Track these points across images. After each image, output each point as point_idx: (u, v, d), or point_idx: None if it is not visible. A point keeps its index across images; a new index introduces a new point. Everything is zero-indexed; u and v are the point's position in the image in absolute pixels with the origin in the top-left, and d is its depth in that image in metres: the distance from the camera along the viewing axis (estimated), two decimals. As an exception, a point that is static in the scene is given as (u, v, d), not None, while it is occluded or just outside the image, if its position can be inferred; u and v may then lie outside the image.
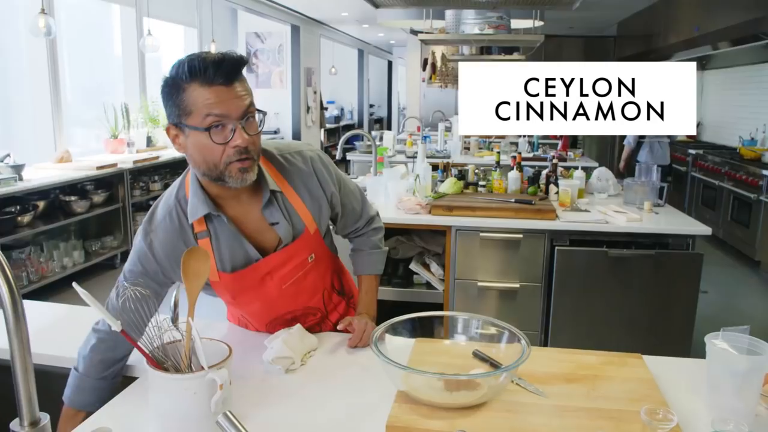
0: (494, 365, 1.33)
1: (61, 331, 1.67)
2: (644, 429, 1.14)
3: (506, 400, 1.24)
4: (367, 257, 1.76)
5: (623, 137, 7.01)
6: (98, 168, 5.14)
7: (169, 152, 6.61)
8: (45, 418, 1.00)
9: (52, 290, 4.66)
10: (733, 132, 7.76)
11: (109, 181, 5.44)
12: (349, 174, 4.91)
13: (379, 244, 1.79)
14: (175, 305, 1.26)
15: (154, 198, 6.29)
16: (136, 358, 1.44)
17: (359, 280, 1.76)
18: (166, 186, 6.41)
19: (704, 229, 3.18)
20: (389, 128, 16.86)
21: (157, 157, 6.13)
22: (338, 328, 1.58)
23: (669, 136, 6.69)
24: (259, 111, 1.34)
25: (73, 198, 5.00)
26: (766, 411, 1.28)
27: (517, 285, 3.28)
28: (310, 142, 10.49)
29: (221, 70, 1.25)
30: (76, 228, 5.21)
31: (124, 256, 5.60)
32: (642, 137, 6.62)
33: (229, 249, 1.44)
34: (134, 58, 6.78)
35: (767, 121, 6.84)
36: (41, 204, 4.68)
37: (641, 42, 9.04)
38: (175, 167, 6.71)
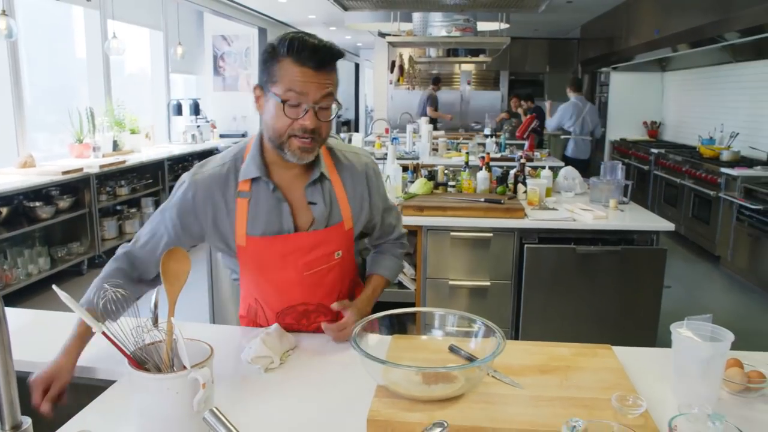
0: (470, 359, 1.36)
1: (31, 337, 1.65)
2: (615, 415, 1.19)
3: (483, 391, 1.28)
4: (386, 260, 1.79)
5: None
6: (64, 173, 5.05)
7: (135, 156, 6.53)
8: (27, 422, 1.00)
9: (18, 298, 4.57)
10: (693, 131, 7.97)
11: (74, 186, 5.35)
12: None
13: (401, 256, 1.83)
14: (155, 306, 1.26)
15: (122, 203, 6.22)
16: (116, 360, 1.43)
17: (368, 278, 1.76)
18: (133, 190, 6.34)
19: (667, 225, 3.27)
20: (357, 130, 16.86)
21: (124, 162, 6.05)
22: (333, 306, 1.58)
23: (591, 134, 7.32)
24: (338, 102, 1.44)
25: (37, 204, 4.91)
26: (729, 395, 1.34)
27: (488, 283, 3.34)
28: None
29: (315, 55, 1.36)
30: (41, 234, 5.12)
31: (92, 262, 5.51)
32: (567, 133, 7.30)
33: (267, 214, 1.51)
34: (99, 61, 6.68)
35: (725, 121, 7.04)
36: (4, 210, 4.59)
37: (604, 44, 9.23)
38: (143, 171, 6.63)
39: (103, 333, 1.13)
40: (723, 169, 5.78)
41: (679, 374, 1.32)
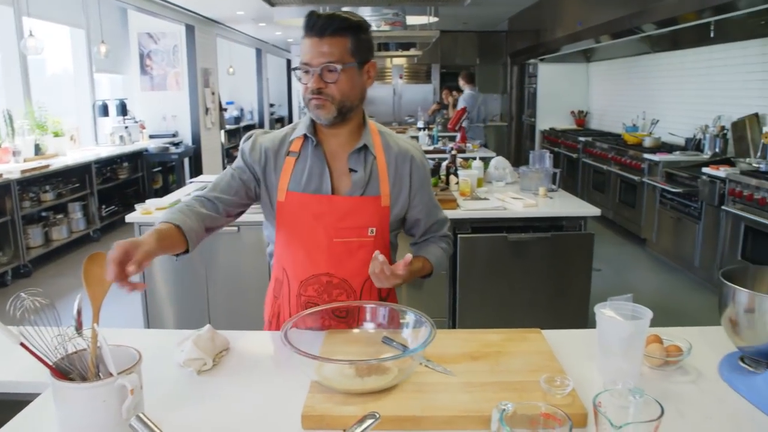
0: (404, 350, 1.38)
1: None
2: (544, 396, 1.23)
3: (416, 381, 1.30)
4: (433, 248, 1.78)
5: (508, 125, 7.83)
6: (-19, 180, 4.82)
7: (60, 160, 6.28)
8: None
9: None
10: (617, 119, 8.27)
11: (-7, 193, 5.12)
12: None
13: (447, 251, 1.82)
14: (79, 313, 1.22)
15: (48, 209, 5.97)
16: (37, 372, 1.38)
17: (414, 259, 1.68)
18: (59, 195, 6.10)
19: (594, 211, 3.39)
20: (291, 127, 16.69)
21: (48, 166, 5.81)
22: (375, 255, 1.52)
23: (483, 121, 8.27)
24: (343, 65, 1.53)
25: (-46, 213, 4.67)
26: (650, 369, 1.40)
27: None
28: (210, 144, 10.26)
29: (316, 25, 1.52)
30: (-41, 245, 4.87)
31: (15, 271, 5.28)
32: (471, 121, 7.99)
33: (309, 172, 1.63)
34: (15, 61, 6.38)
35: (646, 108, 7.34)
36: None
37: (531, 36, 9.44)
38: (69, 175, 6.38)
39: (22, 344, 1.09)
40: (646, 155, 6.03)
41: (604, 353, 1.37)
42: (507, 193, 3.66)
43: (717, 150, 5.62)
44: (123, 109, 8.38)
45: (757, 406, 1.23)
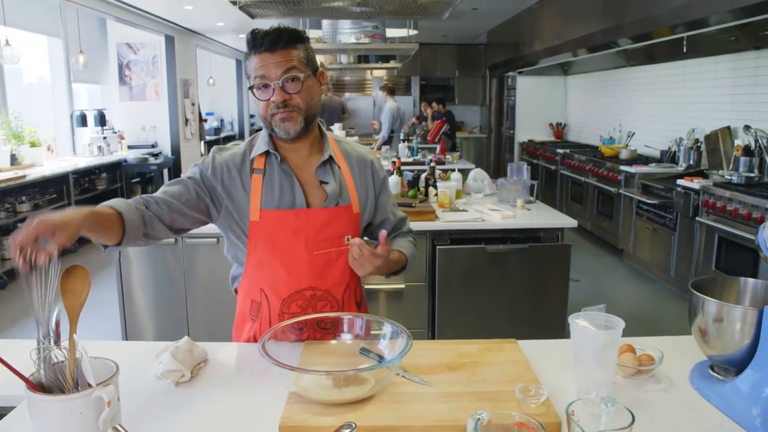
0: (380, 361, 1.39)
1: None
2: (519, 405, 1.25)
3: (393, 392, 1.31)
4: (403, 241, 1.83)
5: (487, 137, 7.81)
6: (-45, 190, 4.75)
7: (37, 170, 6.22)
8: None
9: None
10: (594, 132, 8.38)
11: (-32, 204, 5.04)
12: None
13: (414, 244, 1.87)
14: (57, 325, 1.22)
15: (22, 220, 5.88)
16: (12, 385, 1.37)
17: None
18: (36, 206, 6.03)
19: (571, 222, 3.44)
20: (272, 138, 16.67)
21: (24, 177, 5.75)
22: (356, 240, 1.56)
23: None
24: (304, 74, 1.55)
25: (-73, 224, 4.60)
26: (623, 378, 1.43)
27: (403, 285, 3.39)
28: (189, 155, 10.21)
29: (266, 38, 1.52)
30: (-68, 257, 4.79)
31: (-9, 283, 5.20)
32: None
33: (280, 188, 1.62)
34: (-9, 71, 6.32)
35: (623, 121, 7.45)
36: None
37: (510, 49, 9.56)
38: (46, 186, 6.31)
39: (-3, 357, 1.09)
40: (622, 167, 6.12)
41: (578, 362, 1.39)
42: (485, 204, 3.69)
43: (691, 162, 5.73)
44: (101, 120, 8.32)
45: (726, 414, 1.26)
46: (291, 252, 1.61)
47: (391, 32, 6.19)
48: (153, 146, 9.37)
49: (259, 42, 1.52)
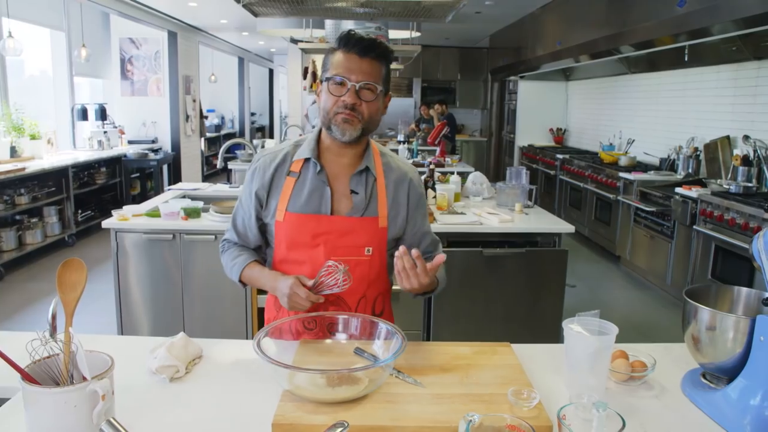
0: (375, 361, 1.40)
1: None
2: (511, 408, 1.26)
3: (386, 392, 1.32)
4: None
5: (488, 140, 7.68)
6: (-46, 181, 4.75)
7: (37, 163, 6.22)
8: None
9: None
10: (594, 138, 8.40)
11: (-33, 195, 5.04)
12: (230, 183, 4.86)
13: (443, 269, 1.79)
14: (53, 318, 1.22)
15: (22, 212, 5.90)
16: (6, 376, 1.37)
17: None
18: (34, 199, 6.04)
19: (568, 228, 3.45)
20: (271, 137, 16.71)
21: (23, 169, 5.75)
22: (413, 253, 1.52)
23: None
24: (381, 88, 1.61)
25: (-75, 214, 4.60)
26: (615, 384, 1.44)
27: (399, 287, 3.39)
28: (190, 151, 10.21)
29: (360, 43, 1.58)
30: (-71, 247, 4.79)
31: (-12, 275, 5.21)
32: None
33: (309, 194, 1.66)
34: (-7, 63, 6.32)
35: (623, 128, 7.47)
36: None
37: (512, 54, 9.57)
38: (45, 179, 6.31)
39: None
40: (621, 174, 6.13)
41: (571, 367, 1.40)
42: (484, 208, 3.70)
43: (690, 171, 5.74)
44: (102, 114, 8.33)
45: (717, 421, 1.27)
46: (309, 254, 1.65)
47: (393, 34, 6.20)
48: (153, 142, 9.37)
49: (353, 43, 1.58)
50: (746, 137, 4.83)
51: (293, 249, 1.67)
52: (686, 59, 5.36)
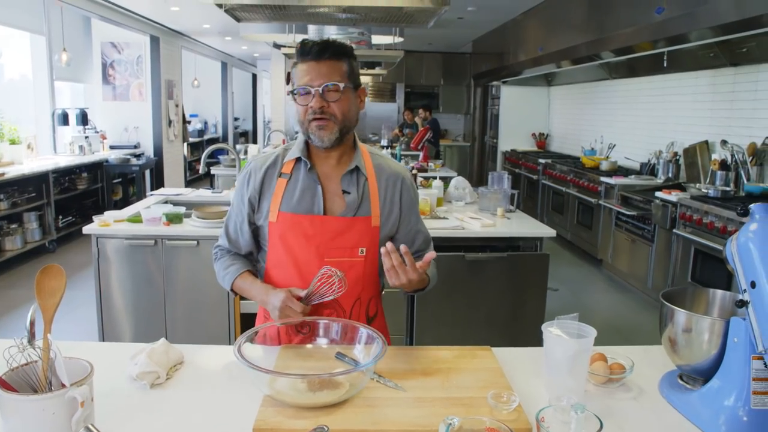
0: (356, 365, 1.40)
1: None
2: (491, 411, 1.27)
3: (367, 396, 1.32)
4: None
5: (471, 145, 7.72)
6: (-68, 187, 4.69)
7: (16, 168, 6.15)
8: None
9: None
10: (576, 142, 8.47)
11: (-55, 201, 4.97)
12: (213, 188, 4.84)
13: (435, 266, 1.83)
14: (31, 324, 1.22)
15: (1, 218, 5.83)
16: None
17: None
18: (14, 205, 5.97)
19: (549, 232, 3.47)
20: (255, 142, 16.66)
21: (2, 174, 5.69)
22: (402, 250, 1.52)
23: None
24: (345, 85, 1.61)
25: None
26: (594, 386, 1.45)
27: (382, 292, 3.40)
28: (172, 156, 10.16)
29: (314, 48, 1.59)
30: None
31: (-34, 282, 5.14)
32: None
33: (301, 192, 1.68)
34: (-28, 67, 6.24)
35: (604, 133, 7.54)
36: None
37: (494, 59, 9.63)
38: (25, 184, 6.25)
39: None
40: (602, 178, 6.19)
41: (550, 370, 1.42)
42: (466, 213, 3.72)
43: (670, 175, 5.81)
44: (83, 119, 8.26)
45: (693, 422, 1.29)
46: (303, 255, 1.66)
47: (376, 39, 6.21)
48: (135, 147, 9.31)
49: (307, 51, 1.60)
50: (724, 142, 4.90)
51: (286, 250, 1.67)
52: (665, 65, 5.43)
